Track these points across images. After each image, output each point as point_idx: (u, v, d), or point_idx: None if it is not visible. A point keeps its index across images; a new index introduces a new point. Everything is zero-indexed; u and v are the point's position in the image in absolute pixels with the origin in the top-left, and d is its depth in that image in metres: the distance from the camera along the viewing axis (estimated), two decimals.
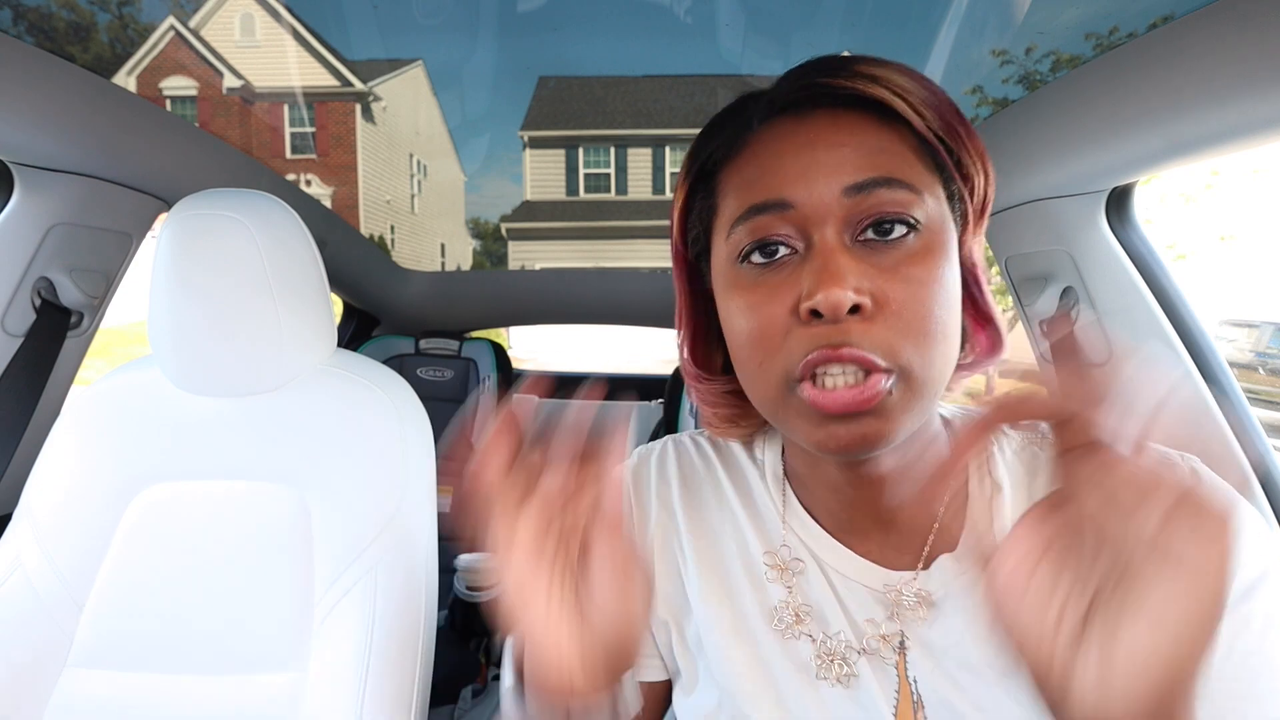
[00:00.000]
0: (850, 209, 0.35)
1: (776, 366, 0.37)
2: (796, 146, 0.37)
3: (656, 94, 1.22)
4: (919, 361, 0.34)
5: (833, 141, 0.36)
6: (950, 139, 0.37)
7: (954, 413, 0.48)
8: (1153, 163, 0.67)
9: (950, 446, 0.30)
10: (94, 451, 0.72)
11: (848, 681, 0.40)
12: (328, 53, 1.07)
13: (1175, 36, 0.57)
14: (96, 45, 0.94)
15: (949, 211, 0.38)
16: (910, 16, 0.87)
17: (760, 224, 0.37)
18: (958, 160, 0.38)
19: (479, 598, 1.21)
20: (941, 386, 0.37)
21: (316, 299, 0.74)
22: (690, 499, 0.49)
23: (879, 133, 0.36)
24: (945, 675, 0.38)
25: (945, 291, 0.35)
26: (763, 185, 0.37)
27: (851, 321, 0.34)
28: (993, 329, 0.43)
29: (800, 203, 0.36)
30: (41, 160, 0.80)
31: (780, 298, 0.36)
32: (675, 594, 0.48)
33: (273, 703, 0.65)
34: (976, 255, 0.42)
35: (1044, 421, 0.30)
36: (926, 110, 0.36)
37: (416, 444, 0.74)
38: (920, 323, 0.34)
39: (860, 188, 0.35)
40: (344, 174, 1.67)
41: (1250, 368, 5.74)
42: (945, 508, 0.43)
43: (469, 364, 1.63)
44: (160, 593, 0.69)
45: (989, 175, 0.40)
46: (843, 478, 0.42)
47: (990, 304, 0.43)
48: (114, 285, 0.94)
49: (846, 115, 0.37)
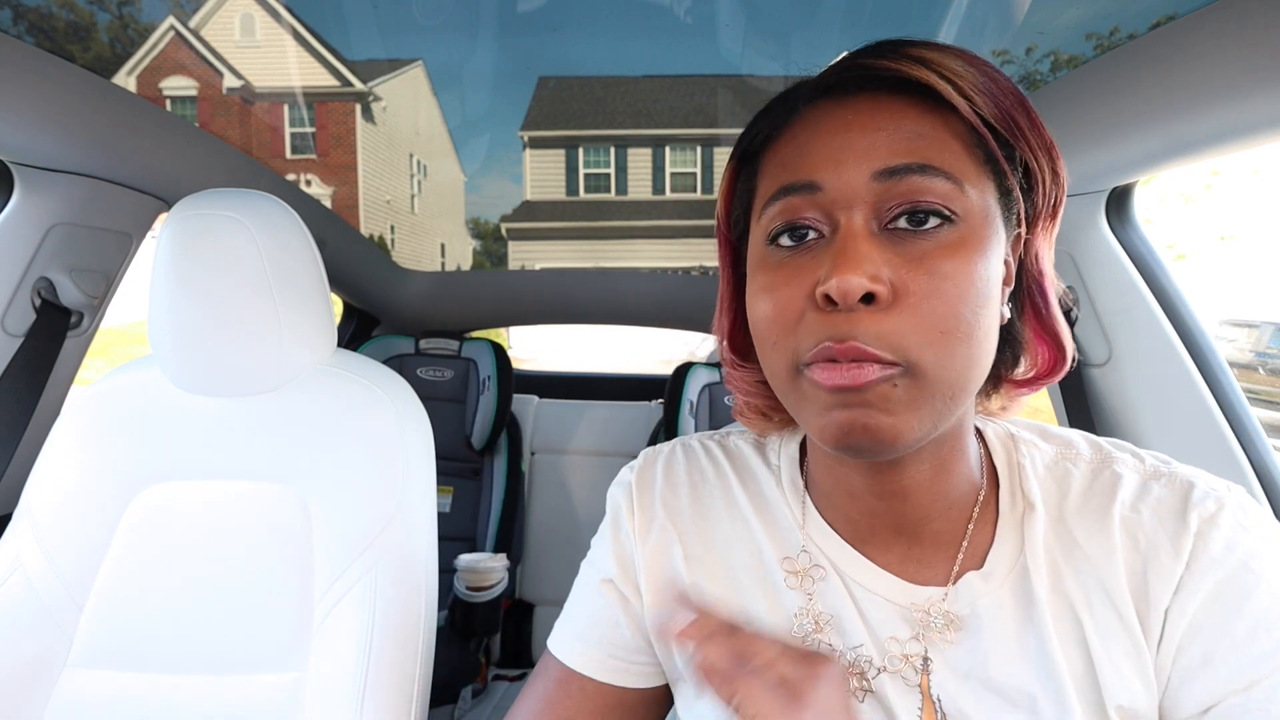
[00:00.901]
0: (880, 195, 0.34)
1: (788, 349, 0.36)
2: (833, 129, 0.36)
3: (656, 94, 1.22)
4: (931, 359, 0.33)
5: (869, 125, 0.35)
6: (1007, 130, 0.35)
7: (985, 423, 0.45)
8: (1153, 163, 0.67)
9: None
10: (94, 451, 0.72)
11: (863, 697, 0.40)
12: (328, 53, 1.07)
13: (1175, 36, 0.57)
14: (96, 45, 0.93)
15: (998, 209, 0.35)
16: (910, 16, 0.87)
17: (789, 205, 0.36)
18: (1016, 153, 0.36)
19: (479, 598, 1.21)
20: (963, 391, 0.34)
21: (316, 299, 0.74)
22: (698, 506, 0.48)
23: (921, 118, 0.34)
24: (970, 694, 0.38)
25: (975, 290, 0.33)
26: (795, 166, 0.36)
27: (864, 312, 0.32)
28: (1057, 344, 0.41)
29: (829, 185, 0.35)
30: (41, 160, 0.80)
31: (800, 281, 0.35)
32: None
33: (273, 703, 0.65)
34: (1044, 262, 0.39)
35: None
36: (978, 96, 0.34)
37: (416, 444, 0.74)
38: (939, 319, 0.32)
39: (892, 173, 0.33)
40: (344, 174, 1.67)
41: (1250, 368, 5.73)
42: (974, 523, 0.41)
43: (469, 364, 1.63)
44: (160, 593, 0.69)
45: (1059, 174, 0.37)
46: (865, 486, 0.41)
47: (1057, 316, 0.40)
48: (114, 285, 0.94)
49: (890, 99, 0.35)
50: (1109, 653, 0.36)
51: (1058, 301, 0.41)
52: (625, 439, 1.80)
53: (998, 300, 0.35)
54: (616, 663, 0.47)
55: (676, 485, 0.49)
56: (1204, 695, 0.34)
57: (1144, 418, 0.80)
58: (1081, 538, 0.38)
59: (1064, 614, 0.37)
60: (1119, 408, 0.82)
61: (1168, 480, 0.39)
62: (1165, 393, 0.78)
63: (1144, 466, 0.40)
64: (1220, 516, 0.36)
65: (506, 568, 1.26)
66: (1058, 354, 0.41)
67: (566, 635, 0.49)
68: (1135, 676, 0.35)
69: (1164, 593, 0.35)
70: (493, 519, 1.56)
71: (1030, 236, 0.38)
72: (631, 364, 2.39)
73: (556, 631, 0.50)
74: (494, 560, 1.23)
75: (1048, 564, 0.38)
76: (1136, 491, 0.39)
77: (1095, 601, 0.37)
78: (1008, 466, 0.42)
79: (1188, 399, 0.76)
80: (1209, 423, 0.75)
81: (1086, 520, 0.39)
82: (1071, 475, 0.41)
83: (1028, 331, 0.41)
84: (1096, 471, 0.41)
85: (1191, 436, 0.76)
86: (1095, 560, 0.37)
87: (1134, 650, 0.36)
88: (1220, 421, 0.75)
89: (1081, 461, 0.42)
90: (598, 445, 1.82)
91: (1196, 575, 0.35)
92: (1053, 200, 0.38)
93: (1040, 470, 0.42)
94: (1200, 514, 0.36)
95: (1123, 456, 0.41)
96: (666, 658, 0.48)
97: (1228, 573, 0.35)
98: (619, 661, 0.47)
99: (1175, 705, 0.35)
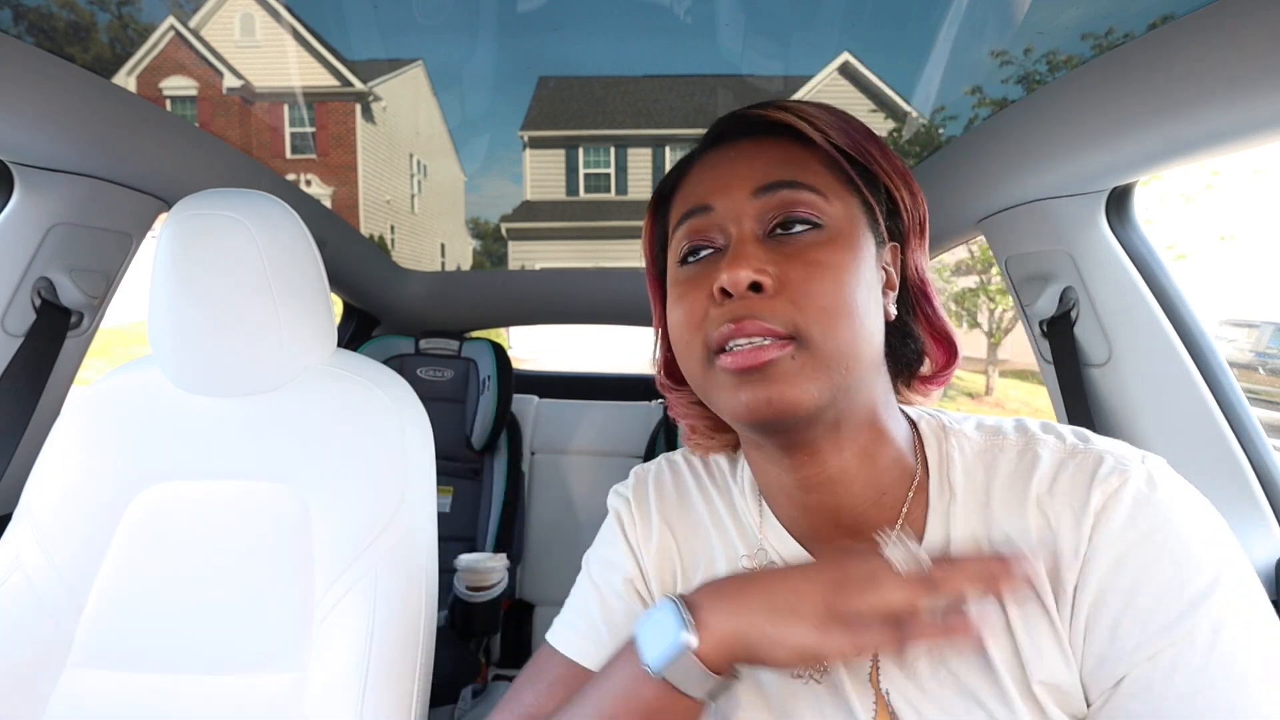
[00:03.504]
0: (760, 208, 0.41)
1: (698, 342, 0.41)
2: (720, 164, 0.44)
3: (656, 94, 1.22)
4: (818, 331, 0.38)
5: (749, 157, 0.43)
6: (861, 156, 0.43)
7: (920, 415, 0.48)
8: (1153, 163, 0.67)
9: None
10: (94, 451, 0.72)
11: (821, 678, 0.42)
12: (328, 53, 1.07)
13: (1174, 36, 0.57)
14: (96, 45, 0.93)
15: (863, 219, 0.42)
16: (910, 16, 0.87)
17: (692, 227, 0.44)
18: (876, 179, 0.43)
19: (479, 598, 1.21)
20: (853, 362, 0.39)
21: (316, 299, 0.74)
22: (686, 517, 0.52)
23: (789, 149, 0.43)
24: (916, 688, 0.39)
25: (847, 276, 0.39)
26: (693, 196, 0.44)
27: (755, 299, 0.39)
28: (947, 342, 0.47)
29: (718, 205, 0.42)
30: (41, 160, 0.80)
31: (702, 284, 0.42)
32: None
33: (273, 703, 0.65)
34: (924, 271, 0.47)
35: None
36: (832, 130, 0.42)
37: (416, 444, 0.74)
38: (818, 298, 0.38)
39: (767, 188, 0.41)
40: (344, 174, 1.67)
41: (1250, 368, 5.74)
42: (906, 513, 0.43)
43: (469, 364, 1.63)
44: (160, 593, 0.69)
45: (915, 194, 0.45)
46: (792, 480, 0.44)
47: (943, 317, 0.47)
48: (114, 285, 0.94)
49: (764, 140, 0.44)
50: (1030, 632, 0.37)
51: (942, 306, 0.48)
52: (625, 439, 1.80)
53: (875, 292, 0.42)
54: None
55: (667, 497, 0.54)
56: (1114, 667, 0.35)
57: (1144, 418, 0.80)
58: (1003, 521, 0.40)
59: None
60: (1119, 408, 0.82)
61: (1082, 457, 0.40)
62: (1165, 393, 0.78)
63: (1063, 446, 0.42)
64: (1123, 490, 0.37)
65: (506, 568, 1.26)
66: (949, 350, 0.47)
67: (577, 635, 0.50)
68: (1056, 654, 0.37)
69: (1071, 569, 0.37)
70: (493, 519, 1.56)
71: (906, 249, 0.46)
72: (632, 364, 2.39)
73: (562, 631, 0.51)
74: (494, 560, 1.23)
75: (973, 551, 0.40)
76: (1052, 471, 0.40)
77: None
78: (938, 456, 0.44)
79: (1188, 399, 0.76)
80: (1209, 423, 0.75)
81: (1008, 505, 0.40)
82: (999, 461, 0.43)
83: (921, 332, 0.47)
84: (1021, 455, 0.42)
85: (1191, 436, 0.76)
86: (1015, 542, 0.39)
87: (1051, 628, 0.37)
88: (1220, 421, 0.75)
89: (1009, 446, 0.43)
90: (598, 445, 1.82)
91: (1098, 550, 0.36)
92: (918, 218, 0.46)
93: (969, 459, 0.44)
94: (1104, 489, 0.37)
95: (1046, 438, 0.42)
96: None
97: (1129, 545, 0.36)
98: None
99: (1092, 679, 0.36)
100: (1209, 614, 0.33)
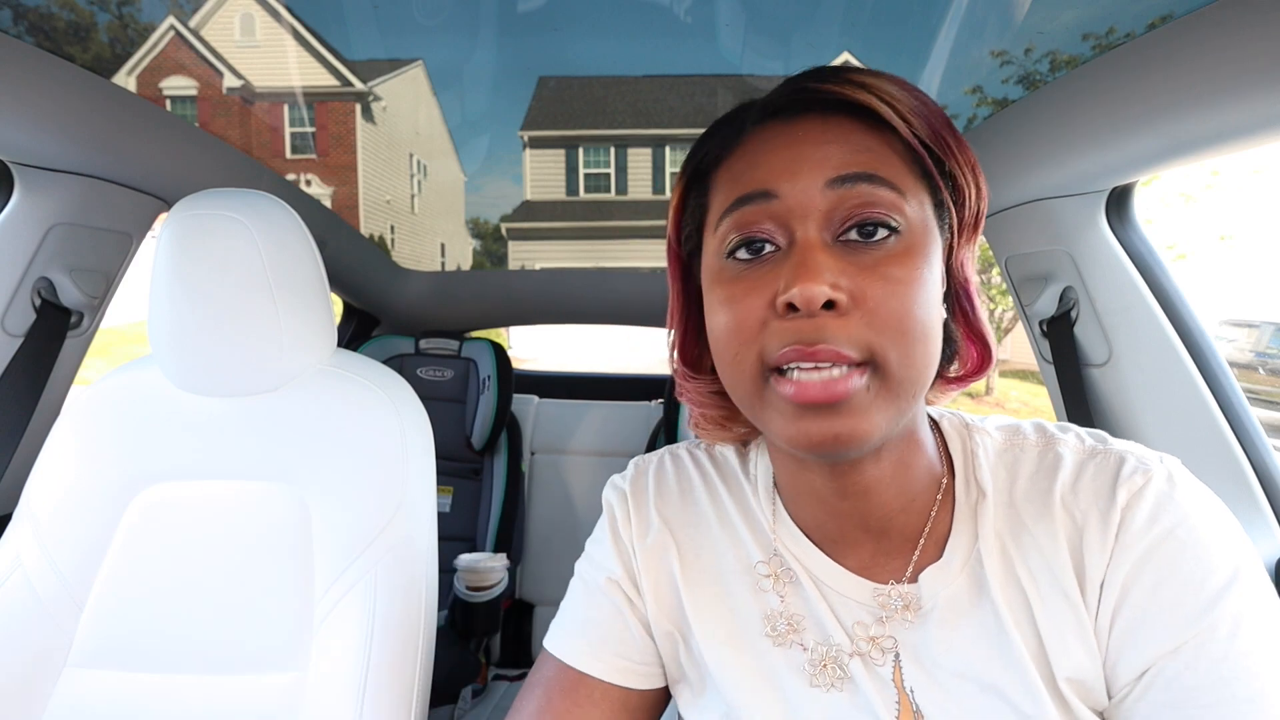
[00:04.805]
0: (833, 203, 0.36)
1: (751, 357, 0.37)
2: (785, 143, 0.38)
3: (656, 94, 1.22)
4: (895, 357, 0.34)
5: (820, 139, 0.37)
6: (938, 148, 0.38)
7: (941, 414, 0.48)
8: (1153, 163, 0.67)
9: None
10: (94, 451, 0.72)
11: (842, 685, 0.41)
12: (328, 53, 1.07)
13: (1174, 36, 0.57)
14: (96, 45, 0.93)
15: (934, 219, 0.38)
16: (910, 16, 0.87)
17: (746, 215, 0.37)
18: (946, 169, 0.38)
19: (479, 598, 1.21)
20: (921, 388, 0.37)
21: (316, 299, 0.74)
22: (688, 512, 0.50)
23: (865, 135, 0.37)
24: (939, 685, 0.39)
25: (925, 293, 0.36)
26: (750, 178, 0.38)
27: (827, 317, 0.34)
28: (983, 344, 0.44)
29: (785, 194, 0.36)
30: (41, 160, 0.80)
31: (760, 291, 0.36)
32: (674, 606, 0.48)
33: (273, 703, 0.65)
34: (969, 269, 0.43)
35: None
36: (914, 118, 0.37)
37: (416, 444, 0.74)
38: (898, 320, 0.34)
39: (843, 180, 0.35)
40: (344, 174, 1.67)
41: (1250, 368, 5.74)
42: (935, 513, 0.43)
43: (469, 364, 1.63)
44: (160, 593, 0.69)
45: (980, 188, 0.40)
46: (828, 488, 0.42)
47: (982, 319, 0.43)
48: (114, 285, 0.94)
49: (835, 118, 0.38)
50: (1056, 628, 0.37)
51: (983, 306, 0.44)
52: (625, 439, 1.80)
53: (940, 302, 0.38)
54: (624, 663, 0.47)
55: (667, 493, 0.51)
56: (1138, 660, 0.35)
57: (1144, 418, 0.80)
58: (1029, 521, 0.40)
59: (1015, 596, 0.39)
60: (1119, 408, 0.82)
61: (1102, 458, 0.40)
62: (1165, 393, 0.78)
63: (1083, 447, 0.42)
64: (1146, 489, 0.37)
65: (506, 568, 1.26)
66: (984, 353, 0.44)
67: (569, 637, 0.49)
68: (1080, 649, 0.37)
69: (1098, 566, 0.37)
70: (493, 519, 1.56)
71: (957, 245, 0.41)
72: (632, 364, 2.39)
73: (556, 635, 0.50)
74: (494, 560, 1.23)
75: (999, 549, 0.40)
76: (1075, 471, 0.40)
77: (1042, 581, 0.38)
78: (963, 455, 0.44)
79: (1188, 399, 0.76)
80: (1209, 423, 0.75)
81: (1033, 504, 0.40)
82: (1020, 461, 0.43)
83: (959, 332, 0.44)
84: (1041, 455, 0.42)
85: (1191, 436, 0.76)
86: (1041, 541, 0.39)
87: (1077, 624, 0.37)
88: (1220, 421, 0.75)
89: (1029, 447, 0.43)
90: (598, 445, 1.82)
91: (1125, 547, 0.37)
92: (975, 212, 0.41)
93: (992, 458, 0.43)
94: (1128, 488, 0.38)
95: (1065, 439, 0.43)
96: (670, 658, 0.48)
97: (1153, 542, 0.36)
98: (627, 662, 0.48)
99: (1115, 672, 0.37)
100: (1229, 608, 0.34)
